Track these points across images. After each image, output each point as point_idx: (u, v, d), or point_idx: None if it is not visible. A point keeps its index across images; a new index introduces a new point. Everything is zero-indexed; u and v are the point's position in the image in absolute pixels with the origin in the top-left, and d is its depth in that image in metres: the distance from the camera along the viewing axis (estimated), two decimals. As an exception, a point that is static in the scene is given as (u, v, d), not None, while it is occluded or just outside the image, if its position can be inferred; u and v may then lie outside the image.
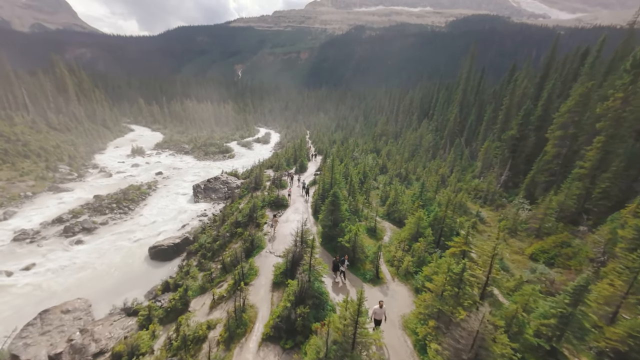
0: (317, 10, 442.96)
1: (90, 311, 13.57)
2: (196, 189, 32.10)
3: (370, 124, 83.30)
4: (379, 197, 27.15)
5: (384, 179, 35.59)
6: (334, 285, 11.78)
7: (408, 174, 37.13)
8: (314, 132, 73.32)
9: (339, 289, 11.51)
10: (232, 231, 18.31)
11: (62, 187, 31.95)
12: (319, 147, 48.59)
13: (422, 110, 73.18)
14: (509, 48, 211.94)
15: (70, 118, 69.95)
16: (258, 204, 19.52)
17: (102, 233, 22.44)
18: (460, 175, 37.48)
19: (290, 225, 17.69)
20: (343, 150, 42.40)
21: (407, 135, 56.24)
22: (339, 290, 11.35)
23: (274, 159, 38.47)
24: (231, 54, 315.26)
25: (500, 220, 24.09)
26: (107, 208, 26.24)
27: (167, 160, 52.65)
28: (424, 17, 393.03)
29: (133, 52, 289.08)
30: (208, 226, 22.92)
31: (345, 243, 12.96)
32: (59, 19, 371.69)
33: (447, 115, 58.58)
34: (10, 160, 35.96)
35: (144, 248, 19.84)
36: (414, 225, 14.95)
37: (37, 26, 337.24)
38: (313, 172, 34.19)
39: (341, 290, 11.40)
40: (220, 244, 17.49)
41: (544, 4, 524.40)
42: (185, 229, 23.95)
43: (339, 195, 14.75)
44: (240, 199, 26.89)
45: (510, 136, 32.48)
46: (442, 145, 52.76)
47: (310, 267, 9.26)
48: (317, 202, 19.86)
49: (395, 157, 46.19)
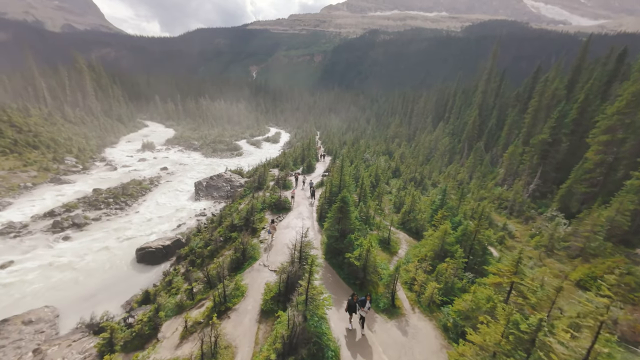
0: (332, 14, 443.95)
1: (55, 323, 11.82)
2: (198, 186, 30.55)
3: (382, 126, 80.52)
4: (392, 203, 24.57)
5: (397, 183, 32.91)
6: (348, 334, 8.43)
7: (423, 178, 34.27)
8: (324, 133, 71.29)
9: (352, 336, 8.28)
10: (227, 236, 16.29)
11: (64, 179, 31.18)
12: (328, 147, 46.38)
13: (436, 113, 70.14)
14: (527, 53, 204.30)
15: (87, 112, 71.05)
16: (257, 206, 17.45)
17: (93, 229, 21.02)
18: (481, 182, 34.29)
19: (290, 232, 15.48)
20: (354, 151, 40.00)
21: (422, 138, 53.18)
22: (352, 342, 7.98)
23: (281, 158, 36.55)
24: (247, 55, 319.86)
25: (532, 235, 20.99)
26: (103, 203, 24.97)
27: (174, 156, 51.89)
28: (439, 22, 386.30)
29: (154, 52, 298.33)
30: (204, 227, 21.06)
31: (354, 260, 10.59)
32: (87, 20, 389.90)
33: (464, 119, 55.33)
34: (18, 150, 35.81)
35: (133, 249, 18.15)
36: (438, 240, 12.40)
37: (67, 27, 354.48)
38: (321, 173, 31.97)
39: (356, 342, 7.99)
40: (211, 250, 15.49)
41: (565, 10, 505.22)
42: (180, 229, 22.23)
43: (349, 201, 12.43)
44: (241, 199, 24.98)
45: (541, 141, 29.15)
46: (459, 150, 49.48)
47: (306, 300, 6.97)
48: (323, 207, 17.60)
49: (408, 160, 43.35)
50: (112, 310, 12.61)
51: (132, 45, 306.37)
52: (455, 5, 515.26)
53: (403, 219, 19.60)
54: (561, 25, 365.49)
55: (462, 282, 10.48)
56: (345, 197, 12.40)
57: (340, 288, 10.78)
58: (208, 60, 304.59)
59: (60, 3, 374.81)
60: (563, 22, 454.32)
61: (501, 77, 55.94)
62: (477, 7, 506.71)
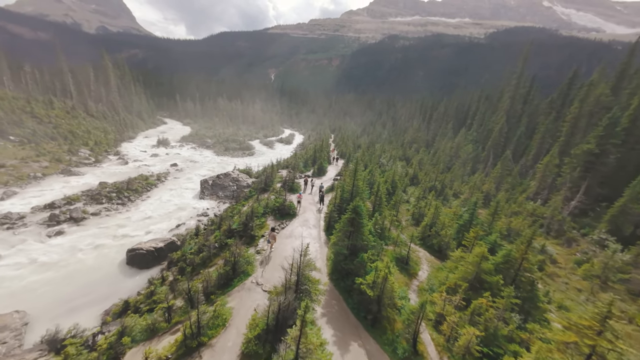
0: (352, 19, 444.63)
1: (22, 332, 10.42)
2: (203, 184, 29.35)
3: (399, 130, 77.47)
4: (410, 214, 22.04)
5: (415, 191, 30.21)
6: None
7: (444, 187, 31.32)
8: (338, 136, 69.31)
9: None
10: (222, 242, 14.53)
11: (75, 171, 31.03)
12: (342, 150, 44.28)
13: (457, 119, 66.65)
14: (556, 61, 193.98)
15: (108, 107, 73.15)
16: (257, 211, 15.62)
17: (89, 225, 20.03)
18: (510, 195, 30.85)
19: (293, 242, 13.48)
20: (368, 155, 37.63)
21: (442, 144, 49.85)
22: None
23: (292, 159, 34.89)
24: (266, 58, 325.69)
25: (578, 262, 17.75)
26: (105, 197, 24.16)
27: (186, 153, 51.70)
28: (462, 28, 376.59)
29: (179, 53, 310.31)
30: (203, 230, 19.51)
31: (366, 289, 8.38)
32: (120, 23, 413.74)
33: (488, 126, 51.65)
34: (36, 140, 36.49)
35: (125, 249, 16.81)
36: (472, 266, 9.94)
37: (102, 28, 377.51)
38: (332, 177, 29.90)
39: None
40: (204, 257, 13.76)
41: (598, 17, 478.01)
42: (179, 229, 20.83)
43: (362, 212, 10.27)
44: (245, 201, 23.37)
45: (586, 151, 25.61)
46: (483, 158, 45.85)
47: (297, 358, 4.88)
48: (332, 215, 15.50)
49: (427, 167, 40.38)
50: (85, 322, 11.09)
51: (158, 47, 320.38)
52: (479, 11, 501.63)
53: (423, 234, 17.10)
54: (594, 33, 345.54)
55: (508, 327, 7.99)
56: (358, 206, 10.25)
57: (347, 322, 8.60)
58: (229, 62, 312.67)
59: (97, 7, 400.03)
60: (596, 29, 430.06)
61: (531, 82, 52.03)
62: (503, 14, 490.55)
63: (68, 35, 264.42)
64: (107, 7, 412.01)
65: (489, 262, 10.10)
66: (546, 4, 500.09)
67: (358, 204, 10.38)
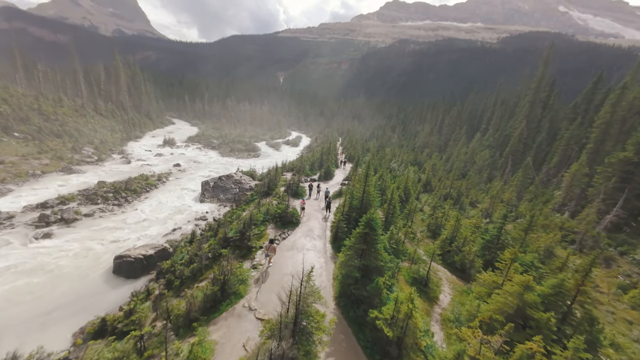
0: (362, 23, 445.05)
1: (-22, 353, 9.05)
2: (204, 186, 28.08)
3: (410, 135, 75.31)
4: (425, 225, 20.05)
5: (428, 199, 28.15)
6: None
7: (460, 196, 29.13)
8: (346, 139, 67.65)
9: None
10: (216, 252, 12.98)
11: (75, 169, 30.32)
12: (350, 153, 42.54)
13: (470, 124, 64.17)
14: (572, 67, 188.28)
15: (118, 106, 73.60)
16: (256, 218, 14.02)
17: (81, 227, 18.86)
18: (533, 206, 28.38)
19: (295, 257, 11.80)
20: (378, 159, 35.77)
21: (457, 149, 47.49)
22: None
23: (297, 162, 33.37)
24: (275, 61, 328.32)
25: (623, 287, 15.40)
26: (101, 197, 23.10)
27: (191, 153, 50.95)
28: (474, 33, 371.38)
29: (190, 56, 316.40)
30: (200, 236, 18.06)
31: (383, 326, 6.58)
32: (135, 26, 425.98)
33: (506, 131, 49.13)
34: (40, 137, 36.20)
35: (115, 254, 15.46)
36: (513, 298, 8.02)
37: (118, 31, 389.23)
38: (340, 181, 28.19)
39: None
40: (194, 270, 12.21)
41: (617, 22, 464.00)
42: (174, 234, 19.45)
43: (376, 226, 8.53)
44: (246, 205, 21.86)
45: (623, 160, 23.11)
46: (500, 165, 43.31)
47: None
48: (340, 224, 13.77)
49: (441, 173, 38.18)
50: (55, 342, 9.66)
51: (171, 49, 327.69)
52: (492, 16, 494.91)
53: (442, 249, 15.13)
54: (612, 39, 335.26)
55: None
56: (372, 220, 8.49)
57: (358, 367, 6.81)
58: (239, 65, 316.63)
59: (114, 10, 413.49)
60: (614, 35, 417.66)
61: (551, 86, 49.43)
62: (517, 19, 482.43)
63: (86, 37, 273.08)
64: (123, 11, 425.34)
65: (534, 293, 8.16)
66: (562, 9, 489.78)
67: (373, 216, 8.63)
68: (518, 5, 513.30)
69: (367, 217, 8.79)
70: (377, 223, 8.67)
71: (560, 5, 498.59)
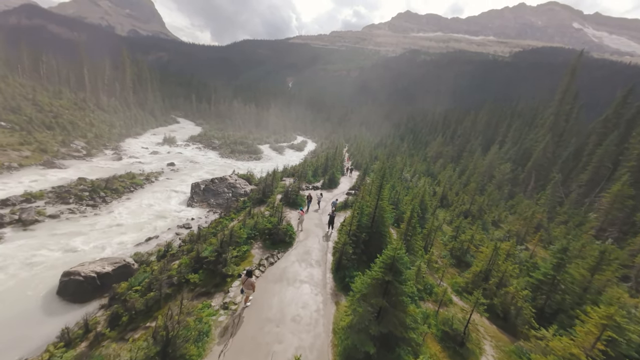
0: (374, 32, 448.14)
1: None
2: (194, 188, 25.24)
3: (420, 144, 72.03)
4: (448, 249, 16.68)
5: (446, 215, 24.73)
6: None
7: (482, 213, 25.64)
8: (354, 145, 64.75)
9: None
10: (183, 276, 9.93)
11: (58, 164, 27.90)
12: (357, 160, 39.48)
13: (485, 135, 60.85)
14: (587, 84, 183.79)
15: (121, 102, 72.31)
16: (239, 235, 10.92)
17: (40, 230, 16.08)
18: (568, 230, 24.69)
19: (283, 292, 8.67)
20: (388, 168, 32.60)
21: (473, 161, 44.00)
22: None
23: (299, 167, 30.44)
24: (285, 66, 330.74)
25: None
26: (75, 196, 20.40)
27: (189, 152, 48.57)
28: (486, 46, 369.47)
29: (202, 58, 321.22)
30: (177, 248, 15.08)
31: None
32: (150, 27, 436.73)
33: (525, 144, 45.70)
34: (28, 128, 34.13)
35: (68, 268, 12.54)
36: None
37: (133, 32, 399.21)
38: (345, 190, 25.08)
39: None
40: (149, 301, 9.14)
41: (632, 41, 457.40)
42: (148, 244, 16.47)
43: (403, 269, 5.37)
44: (236, 213, 18.87)
45: (683, 182, 19.48)
46: (522, 180, 39.71)
47: None
48: (346, 248, 10.60)
49: (457, 186, 34.75)
50: None
51: (183, 51, 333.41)
52: (505, 30, 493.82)
53: (475, 285, 11.79)
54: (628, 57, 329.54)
55: None
56: (398, 260, 5.33)
57: None
58: (249, 68, 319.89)
59: (131, 12, 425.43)
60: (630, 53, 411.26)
61: (574, 99, 46.22)
62: (530, 34, 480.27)
63: (102, 36, 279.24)
64: (140, 13, 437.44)
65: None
66: (576, 25, 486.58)
67: (398, 254, 5.46)
68: (531, 20, 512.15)
69: (389, 254, 5.63)
70: (404, 265, 5.51)
71: (575, 22, 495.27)
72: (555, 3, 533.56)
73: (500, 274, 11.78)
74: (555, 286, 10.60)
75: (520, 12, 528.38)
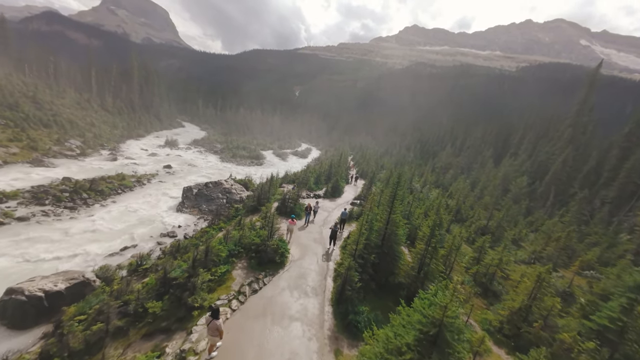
0: (381, 45, 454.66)
1: None
2: (186, 192, 23.31)
3: (427, 154, 69.82)
4: (471, 274, 14.18)
5: (462, 232, 22.19)
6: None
7: (502, 230, 23.04)
8: (359, 154, 62.83)
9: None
10: (140, 305, 7.75)
11: (46, 162, 26.41)
12: (362, 169, 37.36)
13: (495, 147, 58.71)
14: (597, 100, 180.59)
15: (126, 104, 72.17)
16: (217, 251, 8.75)
17: (2, 235, 14.14)
18: (602, 253, 21.86)
19: (265, 336, 6.44)
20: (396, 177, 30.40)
21: (485, 172, 41.52)
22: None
23: (302, 173, 28.43)
24: (293, 76, 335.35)
25: None
26: (53, 197, 18.60)
27: (189, 156, 47.09)
28: (493, 60, 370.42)
29: (212, 66, 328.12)
30: (157, 259, 12.95)
31: None
32: (163, 35, 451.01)
33: (540, 156, 43.28)
34: (23, 125, 33.03)
35: (19, 279, 10.48)
36: None
37: (147, 39, 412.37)
38: (349, 200, 22.89)
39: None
40: (90, 337, 6.95)
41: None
42: (122, 255, 14.39)
43: (455, 341, 3.05)
44: (226, 222, 16.77)
45: None
46: (540, 195, 37.02)
47: None
48: (350, 274, 8.32)
49: (471, 199, 32.22)
50: None
51: (194, 59, 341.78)
52: (511, 46, 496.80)
53: (511, 324, 9.33)
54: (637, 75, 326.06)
55: None
56: (447, 327, 3.08)
57: None
58: (258, 77, 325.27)
59: (146, 20, 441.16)
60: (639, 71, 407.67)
61: (591, 110, 44.20)
62: (536, 50, 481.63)
63: (117, 42, 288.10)
64: (155, 21, 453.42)
65: None
66: (584, 42, 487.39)
67: (449, 320, 3.20)
68: (538, 36, 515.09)
69: (430, 317, 3.37)
70: (459, 333, 3.25)
71: (582, 39, 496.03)
72: (562, 20, 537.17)
73: (545, 312, 9.33)
74: (623, 335, 8.10)
75: (527, 28, 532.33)
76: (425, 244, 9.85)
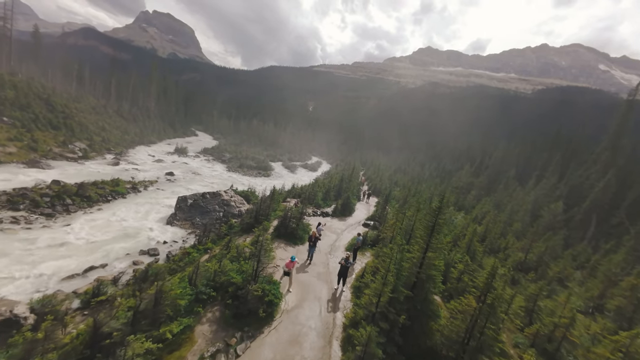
0: (394, 64, 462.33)
1: None
2: (180, 203, 21.05)
3: (443, 172, 66.10)
4: (530, 334, 10.69)
5: (491, 262, 18.59)
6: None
7: (545, 267, 19.20)
8: (370, 169, 59.99)
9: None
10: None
11: (42, 164, 25.13)
12: (375, 185, 34.40)
13: (517, 168, 54.73)
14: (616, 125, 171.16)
15: (142, 112, 73.39)
16: (173, 301, 6.03)
17: (-48, 244, 12.06)
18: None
19: None
20: (413, 196, 27.17)
21: (510, 194, 37.57)
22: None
23: (309, 187, 25.85)
24: (307, 91, 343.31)
25: None
26: (30, 201, 16.70)
27: (196, 164, 45.71)
28: (507, 82, 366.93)
29: (230, 80, 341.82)
30: (124, 285, 10.37)
31: None
32: (188, 51, 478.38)
33: (572, 180, 39.14)
34: (31, 126, 32.65)
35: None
36: None
37: (172, 54, 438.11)
38: (361, 220, 19.91)
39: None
40: None
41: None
42: (84, 278, 11.88)
43: None
44: (217, 242, 14.15)
45: None
46: (578, 223, 32.65)
47: None
48: (371, 345, 5.38)
49: (499, 226, 28.37)
50: None
51: (214, 74, 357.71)
52: (526, 68, 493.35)
53: None
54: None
55: None
56: None
57: None
58: (273, 91, 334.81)
59: (173, 37, 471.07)
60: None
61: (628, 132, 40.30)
62: (553, 73, 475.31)
63: (145, 57, 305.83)
64: (181, 39, 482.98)
65: None
66: (603, 67, 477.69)
67: None
68: (554, 60, 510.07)
69: None
70: None
71: (601, 64, 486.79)
72: (580, 45, 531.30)
73: None
74: None
75: (543, 52, 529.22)
76: (479, 300, 6.77)
